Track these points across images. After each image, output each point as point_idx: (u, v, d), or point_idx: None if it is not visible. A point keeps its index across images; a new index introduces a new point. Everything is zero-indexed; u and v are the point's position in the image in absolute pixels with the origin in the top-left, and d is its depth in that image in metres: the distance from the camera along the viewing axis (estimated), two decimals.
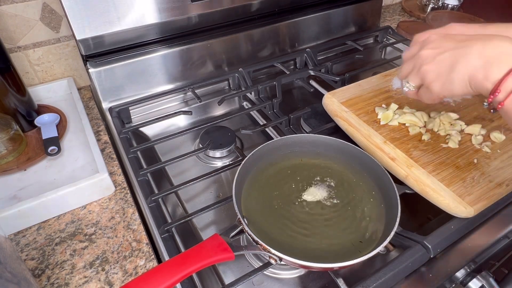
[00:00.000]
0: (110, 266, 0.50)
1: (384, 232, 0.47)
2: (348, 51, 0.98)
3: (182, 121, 0.80)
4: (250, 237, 0.44)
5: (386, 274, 0.45)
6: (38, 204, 0.54)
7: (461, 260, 0.50)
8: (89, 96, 0.81)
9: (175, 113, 0.73)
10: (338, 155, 0.58)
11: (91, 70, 0.73)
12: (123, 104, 0.74)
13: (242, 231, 0.46)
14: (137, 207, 0.58)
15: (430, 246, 0.48)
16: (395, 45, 0.97)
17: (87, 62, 0.73)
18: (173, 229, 0.55)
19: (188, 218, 0.54)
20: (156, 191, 0.62)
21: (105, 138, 0.70)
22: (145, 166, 0.64)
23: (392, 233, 0.44)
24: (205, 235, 0.57)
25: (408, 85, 0.49)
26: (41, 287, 0.47)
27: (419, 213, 0.59)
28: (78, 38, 0.68)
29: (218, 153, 0.69)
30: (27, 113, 0.69)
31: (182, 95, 0.81)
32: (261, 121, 0.76)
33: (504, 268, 0.67)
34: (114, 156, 0.66)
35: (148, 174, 0.61)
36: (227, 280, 0.51)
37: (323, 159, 0.58)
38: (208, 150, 0.69)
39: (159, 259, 0.52)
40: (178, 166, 0.69)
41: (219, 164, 0.69)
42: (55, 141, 0.65)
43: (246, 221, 0.46)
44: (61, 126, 0.70)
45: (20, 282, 0.37)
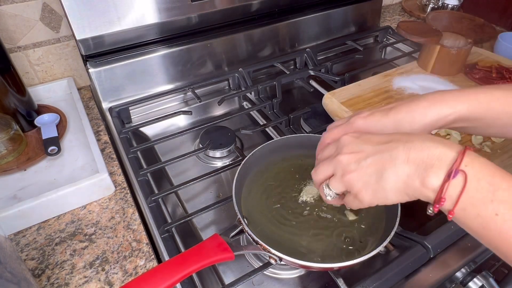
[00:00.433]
0: (110, 266, 0.50)
1: (384, 232, 0.47)
2: (348, 51, 0.98)
3: (182, 121, 0.80)
4: (250, 237, 0.44)
5: (386, 274, 0.46)
6: (38, 204, 0.54)
7: (461, 260, 0.49)
8: (89, 96, 0.81)
9: (175, 113, 0.73)
10: None
11: (91, 70, 0.73)
12: (123, 104, 0.74)
13: (242, 231, 0.46)
14: (137, 207, 0.58)
15: (430, 246, 0.48)
16: (395, 45, 0.97)
17: (87, 62, 0.73)
18: (173, 229, 0.55)
19: (188, 218, 0.54)
20: (156, 191, 0.62)
21: (105, 138, 0.70)
22: (145, 166, 0.64)
23: (392, 233, 0.44)
24: (205, 235, 0.57)
25: (330, 193, 0.41)
26: (41, 287, 0.47)
27: (419, 213, 0.58)
28: (78, 38, 0.68)
29: (218, 153, 0.69)
30: (27, 113, 0.69)
31: (182, 95, 0.81)
32: (261, 121, 0.76)
33: (504, 268, 0.67)
34: (114, 156, 0.66)
35: (148, 174, 0.61)
36: (227, 280, 0.51)
37: None
38: (208, 150, 0.69)
39: (159, 259, 0.52)
40: (178, 166, 0.69)
41: (219, 164, 0.69)
42: (55, 141, 0.65)
43: (246, 221, 0.46)
44: (61, 126, 0.70)
45: (20, 282, 0.37)
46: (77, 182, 0.56)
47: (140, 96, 0.77)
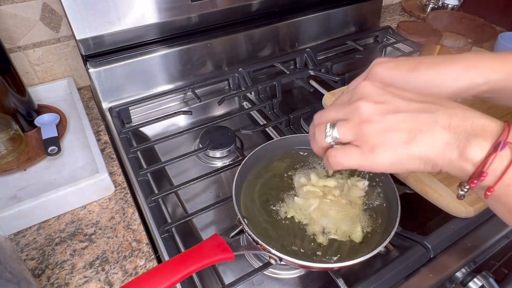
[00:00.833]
0: (110, 266, 0.50)
1: (384, 232, 0.47)
2: (348, 51, 0.98)
3: (182, 121, 0.80)
4: (250, 237, 0.44)
5: (386, 274, 0.45)
6: (38, 204, 0.54)
7: (461, 260, 0.49)
8: (89, 96, 0.81)
9: (175, 113, 0.73)
10: None
11: (91, 70, 0.73)
12: (123, 104, 0.74)
13: (242, 231, 0.46)
14: (137, 207, 0.58)
15: (430, 246, 0.48)
16: (395, 45, 0.97)
17: (87, 62, 0.73)
18: (173, 229, 0.54)
19: (188, 218, 0.54)
20: (156, 191, 0.62)
21: (105, 138, 0.70)
22: (145, 166, 0.64)
23: (392, 233, 0.44)
24: (205, 235, 0.57)
25: (332, 134, 0.35)
26: (41, 287, 0.47)
27: (419, 213, 0.59)
28: (78, 38, 0.68)
29: (218, 153, 0.69)
30: (27, 113, 0.69)
31: (182, 95, 0.81)
32: (261, 121, 0.76)
33: (504, 268, 0.67)
34: (114, 156, 0.66)
35: (148, 174, 0.61)
36: (227, 280, 0.51)
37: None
38: (208, 150, 0.69)
39: (159, 259, 0.52)
40: (178, 166, 0.69)
41: (219, 164, 0.69)
42: (55, 141, 0.65)
43: (246, 221, 0.46)
44: (61, 126, 0.70)
45: (20, 282, 0.37)
46: (77, 182, 0.56)
47: (140, 96, 0.77)
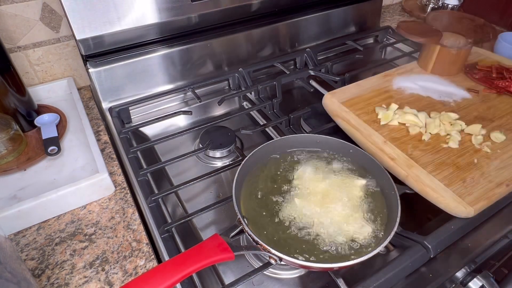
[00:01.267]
0: (110, 266, 0.50)
1: (384, 232, 0.47)
2: (348, 51, 0.98)
3: (182, 121, 0.80)
4: (250, 237, 0.44)
5: (386, 274, 0.45)
6: (38, 204, 0.54)
7: (461, 260, 0.50)
8: (89, 96, 0.81)
9: (175, 113, 0.73)
10: (339, 156, 0.58)
11: (91, 70, 0.73)
12: (123, 104, 0.74)
13: (242, 231, 0.46)
14: (137, 207, 0.58)
15: (430, 246, 0.48)
16: (395, 45, 0.97)
17: (87, 62, 0.73)
18: (173, 229, 0.55)
19: (188, 218, 0.54)
20: (156, 191, 0.62)
21: (105, 138, 0.70)
22: (145, 166, 0.64)
23: (392, 233, 0.44)
24: (205, 235, 0.57)
25: None
26: (41, 287, 0.47)
27: (419, 213, 0.59)
28: (78, 38, 0.68)
29: (218, 153, 0.69)
30: (27, 113, 0.69)
31: (182, 95, 0.81)
32: (261, 121, 0.76)
33: (504, 268, 0.67)
34: (114, 156, 0.66)
35: (148, 174, 0.61)
36: (227, 280, 0.51)
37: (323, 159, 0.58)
38: (208, 150, 0.69)
39: (159, 259, 0.52)
40: (178, 166, 0.69)
41: (219, 164, 0.69)
42: (55, 141, 0.65)
43: (246, 221, 0.46)
44: (61, 126, 0.70)
45: (20, 282, 0.37)
46: (77, 182, 0.56)
47: (140, 96, 0.77)
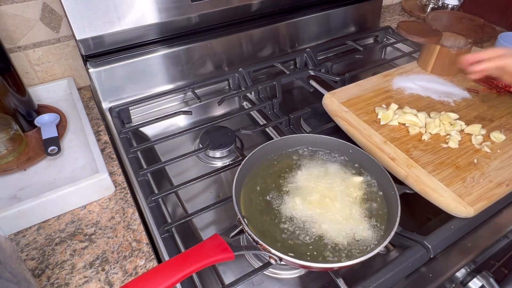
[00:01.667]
0: (110, 266, 0.50)
1: (384, 232, 0.47)
2: (348, 51, 0.98)
3: (182, 121, 0.80)
4: (250, 237, 0.44)
5: (386, 274, 0.45)
6: (38, 204, 0.54)
7: (461, 260, 0.50)
8: (89, 96, 0.81)
9: (175, 113, 0.73)
10: (339, 155, 0.58)
11: (91, 70, 0.73)
12: (123, 104, 0.74)
13: (242, 231, 0.46)
14: (137, 207, 0.58)
15: (430, 246, 0.48)
16: (395, 45, 0.97)
17: (87, 62, 0.73)
18: (173, 229, 0.55)
19: (188, 218, 0.54)
20: (156, 191, 0.62)
21: (105, 138, 0.70)
22: (145, 166, 0.64)
23: (392, 233, 0.44)
24: (205, 235, 0.57)
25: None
26: (41, 287, 0.47)
27: (419, 213, 0.59)
28: (78, 38, 0.68)
29: (218, 153, 0.69)
30: (27, 113, 0.69)
31: (182, 95, 0.81)
32: (261, 121, 0.76)
33: (504, 268, 0.67)
34: (114, 156, 0.66)
35: (148, 174, 0.61)
36: (227, 280, 0.51)
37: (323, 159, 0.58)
38: (208, 150, 0.69)
39: (159, 259, 0.52)
40: (178, 166, 0.69)
41: (219, 164, 0.69)
42: (55, 141, 0.65)
43: (246, 221, 0.46)
44: (61, 126, 0.70)
45: (20, 282, 0.37)
46: (77, 182, 0.56)
47: (140, 96, 0.77)
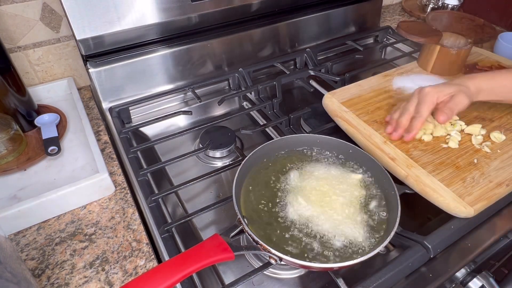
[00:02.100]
0: (110, 266, 0.50)
1: (384, 232, 0.47)
2: (348, 51, 0.98)
3: (182, 121, 0.80)
4: (250, 237, 0.44)
5: (386, 274, 0.45)
6: (38, 204, 0.54)
7: (461, 260, 0.50)
8: (89, 96, 0.81)
9: (175, 113, 0.73)
10: (338, 155, 0.58)
11: (91, 70, 0.73)
12: (123, 104, 0.74)
13: (242, 231, 0.46)
14: (137, 207, 0.58)
15: (430, 246, 0.48)
16: (395, 45, 0.97)
17: (87, 62, 0.73)
18: (173, 229, 0.55)
19: (188, 218, 0.54)
20: (156, 191, 0.62)
21: (105, 138, 0.70)
22: (145, 166, 0.64)
23: (392, 233, 0.44)
24: (205, 235, 0.57)
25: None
26: (41, 287, 0.47)
27: (419, 213, 0.59)
28: (78, 38, 0.68)
29: (218, 153, 0.69)
30: (27, 113, 0.69)
31: (182, 95, 0.81)
32: (261, 121, 0.76)
33: (504, 268, 0.67)
34: (114, 156, 0.66)
35: (148, 174, 0.61)
36: (227, 280, 0.51)
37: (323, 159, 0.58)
38: (208, 150, 0.69)
39: (159, 259, 0.52)
40: (178, 166, 0.69)
41: (219, 164, 0.69)
42: (55, 141, 0.65)
43: (246, 221, 0.46)
44: (61, 126, 0.70)
45: (20, 282, 0.37)
46: (77, 182, 0.56)
47: (140, 96, 0.77)
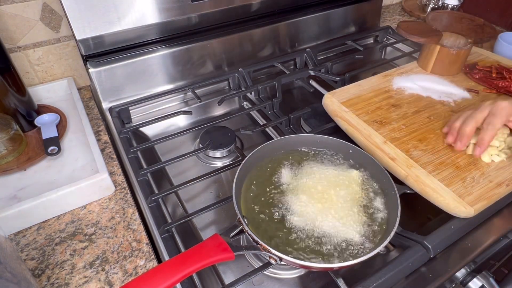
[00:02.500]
0: (110, 266, 0.50)
1: (384, 232, 0.47)
2: (348, 51, 0.98)
3: (182, 121, 0.80)
4: (250, 237, 0.44)
5: (386, 274, 0.45)
6: (38, 204, 0.54)
7: (461, 260, 0.50)
8: (89, 96, 0.81)
9: (175, 113, 0.73)
10: (338, 155, 0.58)
11: (91, 70, 0.73)
12: (123, 104, 0.74)
13: (242, 231, 0.46)
14: (137, 207, 0.58)
15: (430, 246, 0.48)
16: (395, 45, 0.97)
17: (87, 62, 0.73)
18: (173, 229, 0.55)
19: (188, 218, 0.54)
20: (156, 191, 0.62)
21: (105, 138, 0.70)
22: (145, 166, 0.64)
23: (392, 233, 0.44)
24: (205, 235, 0.57)
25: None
26: (41, 287, 0.47)
27: (419, 213, 0.59)
28: (78, 38, 0.68)
29: (218, 153, 0.69)
30: (27, 113, 0.69)
31: (182, 95, 0.81)
32: (261, 121, 0.76)
33: (504, 268, 0.67)
34: (114, 156, 0.66)
35: (148, 174, 0.61)
36: (227, 280, 0.51)
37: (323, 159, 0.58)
38: (208, 150, 0.69)
39: (159, 259, 0.52)
40: (178, 166, 0.69)
41: (219, 164, 0.69)
42: (55, 141, 0.65)
43: (246, 221, 0.46)
44: (61, 126, 0.70)
45: (20, 282, 0.37)
46: (77, 182, 0.56)
47: (140, 96, 0.77)
